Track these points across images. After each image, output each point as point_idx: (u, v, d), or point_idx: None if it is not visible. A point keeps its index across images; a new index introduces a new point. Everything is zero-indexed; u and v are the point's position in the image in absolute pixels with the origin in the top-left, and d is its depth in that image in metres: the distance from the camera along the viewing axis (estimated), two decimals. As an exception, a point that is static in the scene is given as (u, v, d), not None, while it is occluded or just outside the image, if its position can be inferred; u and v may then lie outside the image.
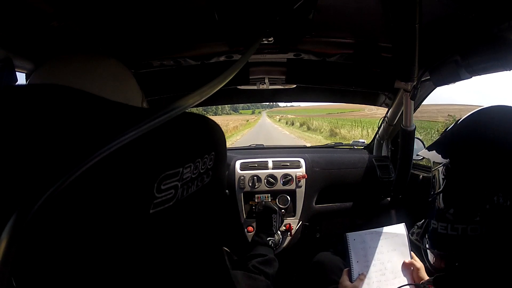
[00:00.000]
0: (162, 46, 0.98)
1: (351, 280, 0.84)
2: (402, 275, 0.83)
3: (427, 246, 0.61)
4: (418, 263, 0.82)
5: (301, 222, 1.33)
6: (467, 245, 0.51)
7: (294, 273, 1.32)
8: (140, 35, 0.90)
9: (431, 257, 0.62)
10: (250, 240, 1.03)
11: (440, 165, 0.57)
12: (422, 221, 0.65)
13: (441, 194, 0.55)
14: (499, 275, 0.49)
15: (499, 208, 0.47)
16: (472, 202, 0.50)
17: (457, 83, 0.85)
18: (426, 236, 0.61)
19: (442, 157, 0.57)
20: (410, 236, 0.69)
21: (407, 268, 0.84)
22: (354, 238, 0.89)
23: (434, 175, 0.59)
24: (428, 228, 0.59)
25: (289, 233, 1.30)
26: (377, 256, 0.86)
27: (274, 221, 1.09)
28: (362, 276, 0.83)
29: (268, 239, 1.01)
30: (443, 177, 0.56)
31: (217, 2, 0.72)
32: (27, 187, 0.26)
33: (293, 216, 1.34)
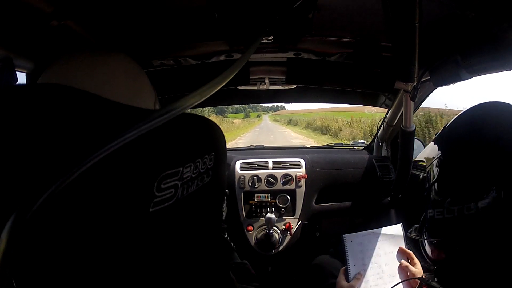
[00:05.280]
0: (162, 45, 0.98)
1: (347, 280, 0.84)
2: (399, 278, 0.83)
3: (425, 238, 0.60)
4: (415, 267, 0.81)
5: (300, 221, 1.33)
6: (465, 225, 0.50)
7: (294, 273, 1.32)
8: (139, 35, 0.90)
9: (429, 250, 0.61)
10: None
11: (435, 159, 0.57)
12: (420, 219, 0.65)
13: (436, 183, 0.56)
14: (501, 255, 0.48)
15: (494, 200, 0.46)
16: (466, 189, 0.50)
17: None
18: (424, 229, 0.61)
19: (437, 149, 0.57)
20: (409, 235, 0.69)
21: (404, 270, 0.84)
22: (351, 240, 0.88)
23: (429, 170, 0.59)
24: (426, 219, 0.59)
25: (288, 232, 1.31)
26: (375, 259, 0.86)
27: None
28: (358, 276, 0.83)
29: None
30: (436, 167, 0.56)
31: (217, 1, 0.72)
32: (26, 187, 0.26)
33: (293, 215, 1.34)
